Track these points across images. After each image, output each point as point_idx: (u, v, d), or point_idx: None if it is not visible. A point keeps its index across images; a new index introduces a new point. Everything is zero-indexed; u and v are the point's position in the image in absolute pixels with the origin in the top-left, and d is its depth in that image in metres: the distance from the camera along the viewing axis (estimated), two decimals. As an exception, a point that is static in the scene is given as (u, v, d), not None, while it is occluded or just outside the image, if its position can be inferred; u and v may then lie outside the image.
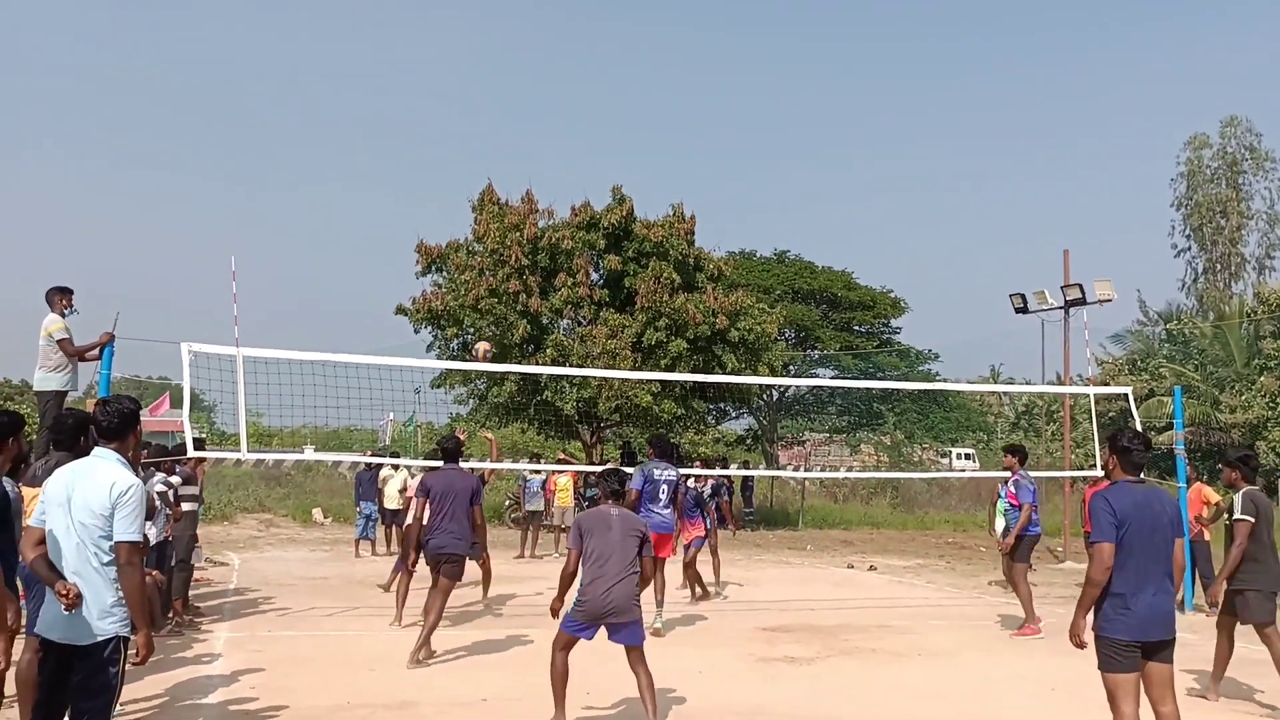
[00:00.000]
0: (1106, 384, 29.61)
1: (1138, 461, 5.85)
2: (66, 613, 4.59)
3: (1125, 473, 5.84)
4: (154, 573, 9.31)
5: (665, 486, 10.81)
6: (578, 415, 24.01)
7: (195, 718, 7.20)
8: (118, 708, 4.98)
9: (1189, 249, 51.66)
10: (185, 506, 11.17)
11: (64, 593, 4.55)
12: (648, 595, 8.35)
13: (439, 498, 9.56)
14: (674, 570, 12.25)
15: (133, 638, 4.74)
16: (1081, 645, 5.90)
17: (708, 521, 13.42)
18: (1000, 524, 15.11)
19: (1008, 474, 11.83)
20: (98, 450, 4.91)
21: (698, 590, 13.20)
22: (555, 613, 7.14)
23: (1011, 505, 11.54)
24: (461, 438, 10.64)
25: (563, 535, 19.65)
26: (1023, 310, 21.31)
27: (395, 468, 19.00)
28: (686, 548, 12.85)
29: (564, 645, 7.00)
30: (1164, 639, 5.79)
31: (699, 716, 7.49)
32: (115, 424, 4.92)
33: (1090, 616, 5.85)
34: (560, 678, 6.97)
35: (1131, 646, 5.72)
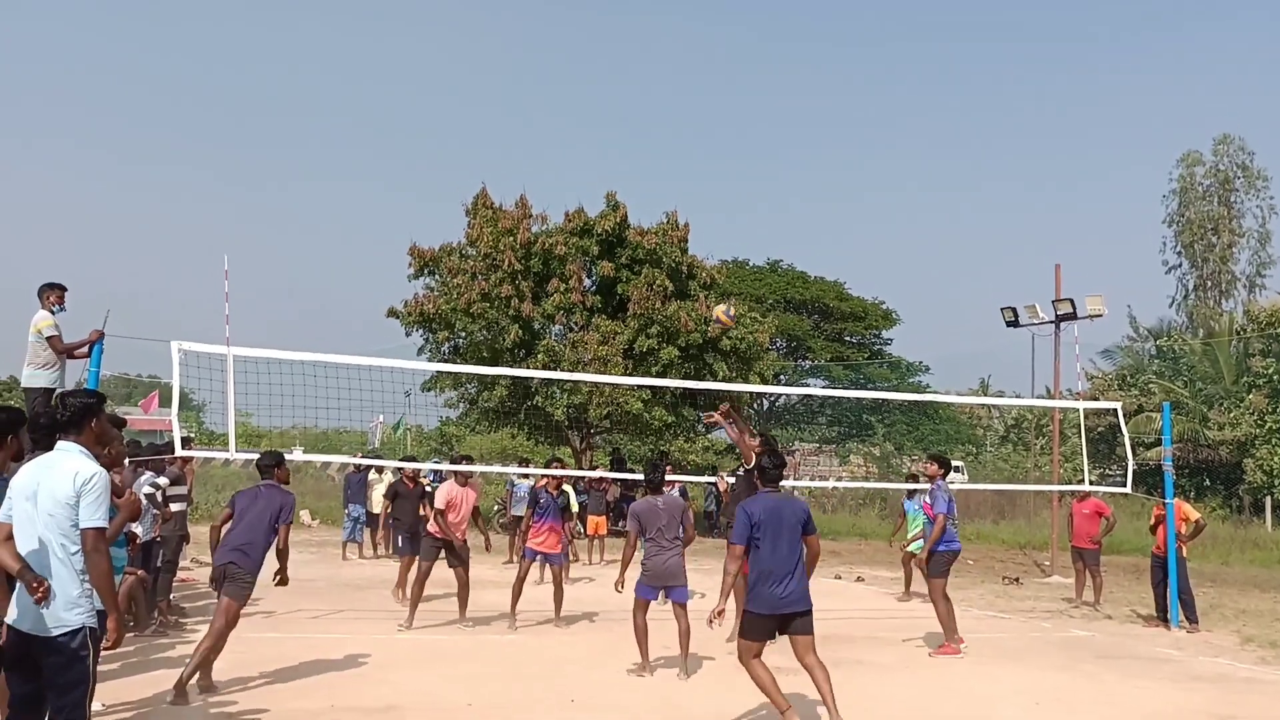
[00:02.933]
0: (1096, 399, 29.68)
1: (773, 476, 7.29)
2: (36, 605, 4.63)
3: (764, 485, 7.27)
4: (139, 572, 9.28)
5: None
6: (568, 421, 24.00)
7: (179, 719, 7.16)
8: (99, 705, 4.95)
9: (1180, 265, 51.93)
10: (174, 507, 11.14)
11: (36, 586, 4.60)
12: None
13: None
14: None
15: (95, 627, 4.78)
16: (713, 621, 7.23)
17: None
18: (916, 535, 15.54)
19: (927, 485, 11.31)
20: (60, 444, 4.98)
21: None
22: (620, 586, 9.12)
23: (927, 517, 11.05)
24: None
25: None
26: (1014, 324, 21.34)
27: (380, 471, 18.95)
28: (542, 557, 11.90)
29: (642, 608, 9.03)
30: (800, 611, 7.00)
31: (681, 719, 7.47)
32: (71, 416, 5.01)
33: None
34: (642, 633, 9.03)
35: (769, 619, 6.96)
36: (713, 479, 17.78)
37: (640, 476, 11.09)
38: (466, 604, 11.62)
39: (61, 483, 4.77)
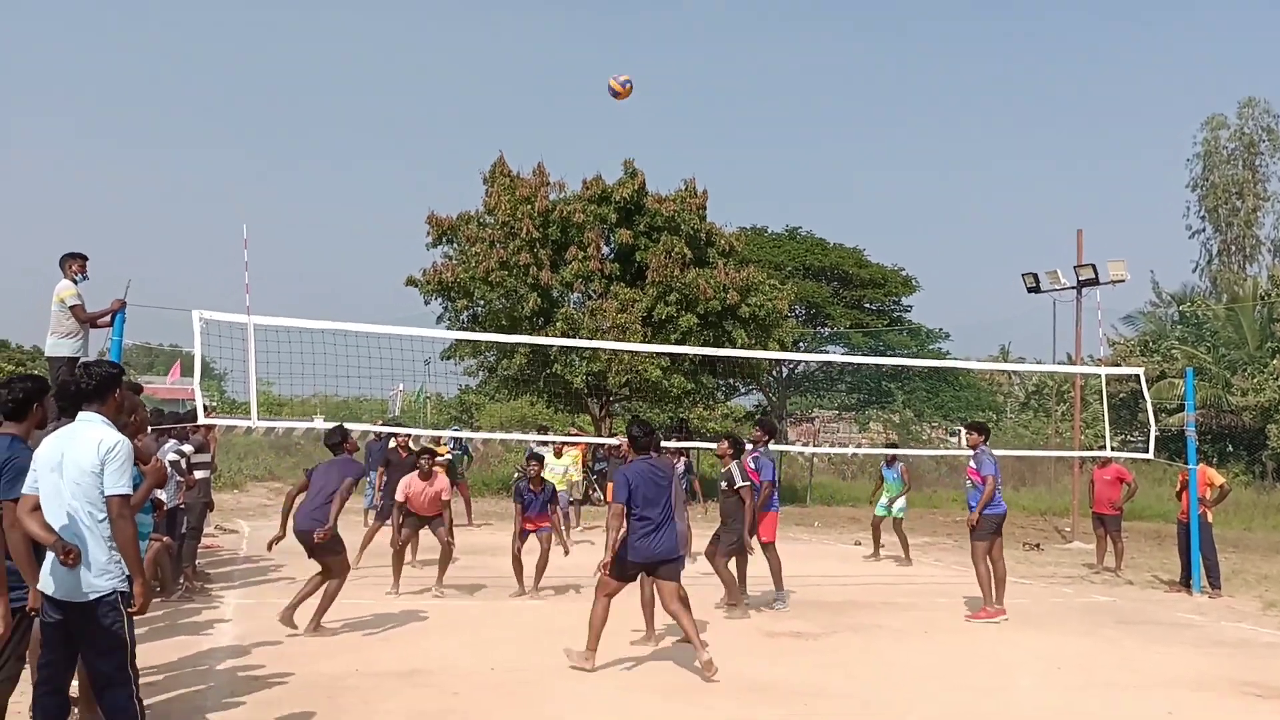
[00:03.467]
0: (1118, 365, 29.49)
1: (644, 445, 8.27)
2: (66, 569, 4.73)
3: (638, 452, 8.27)
4: (165, 538, 9.37)
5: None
6: (587, 389, 24.03)
7: (205, 683, 7.25)
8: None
9: (1204, 230, 51.34)
10: (197, 474, 11.23)
11: (65, 551, 4.68)
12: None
13: None
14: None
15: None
16: (602, 570, 8.01)
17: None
18: (890, 501, 16.17)
19: (971, 451, 11.22)
20: (82, 414, 5.06)
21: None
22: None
23: (973, 481, 10.98)
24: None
25: (569, 507, 19.70)
26: (1035, 290, 21.18)
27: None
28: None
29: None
30: (668, 559, 8.03)
31: (705, 690, 7.52)
32: (94, 386, 5.09)
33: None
34: (649, 605, 9.01)
35: (637, 565, 8.02)
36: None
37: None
38: (445, 570, 11.48)
39: (86, 452, 4.84)
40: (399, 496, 11.32)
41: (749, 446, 11.13)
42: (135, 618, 4.99)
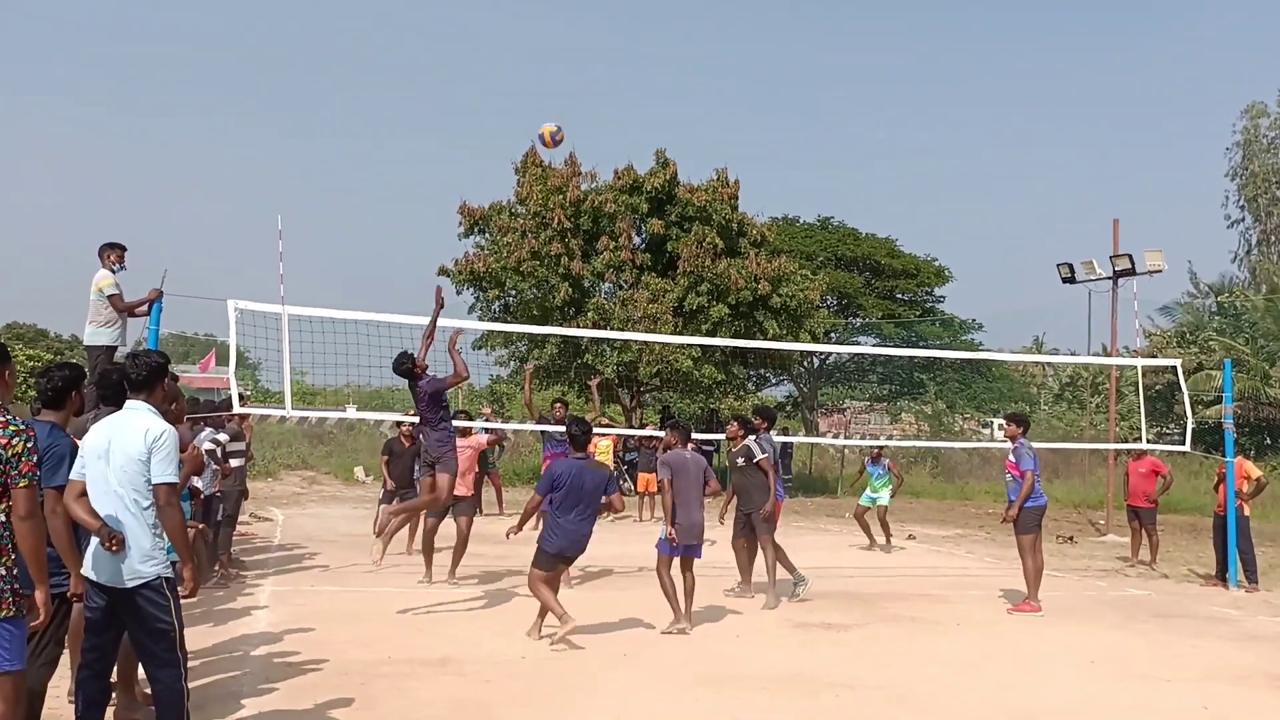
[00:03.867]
0: (1154, 356, 29.18)
1: (581, 443, 8.79)
2: (110, 555, 4.83)
3: (575, 451, 8.80)
4: (200, 526, 9.48)
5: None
6: (618, 379, 24.04)
7: (240, 669, 7.34)
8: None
9: (1243, 220, 50.48)
10: (232, 463, 11.35)
11: (109, 537, 4.79)
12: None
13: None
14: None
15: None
16: (511, 534, 8.77)
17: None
18: (875, 497, 16.36)
19: (1006, 442, 11.29)
20: (129, 403, 5.18)
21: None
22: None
23: (1012, 475, 10.89)
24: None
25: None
26: (1070, 280, 20.96)
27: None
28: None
29: (666, 564, 9.14)
30: (578, 554, 8.71)
31: (736, 680, 7.53)
32: (144, 376, 5.21)
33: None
34: (672, 590, 9.11)
35: (558, 558, 8.58)
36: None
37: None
38: (459, 561, 11.40)
39: (133, 440, 4.94)
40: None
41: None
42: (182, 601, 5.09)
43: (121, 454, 4.92)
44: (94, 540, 4.89)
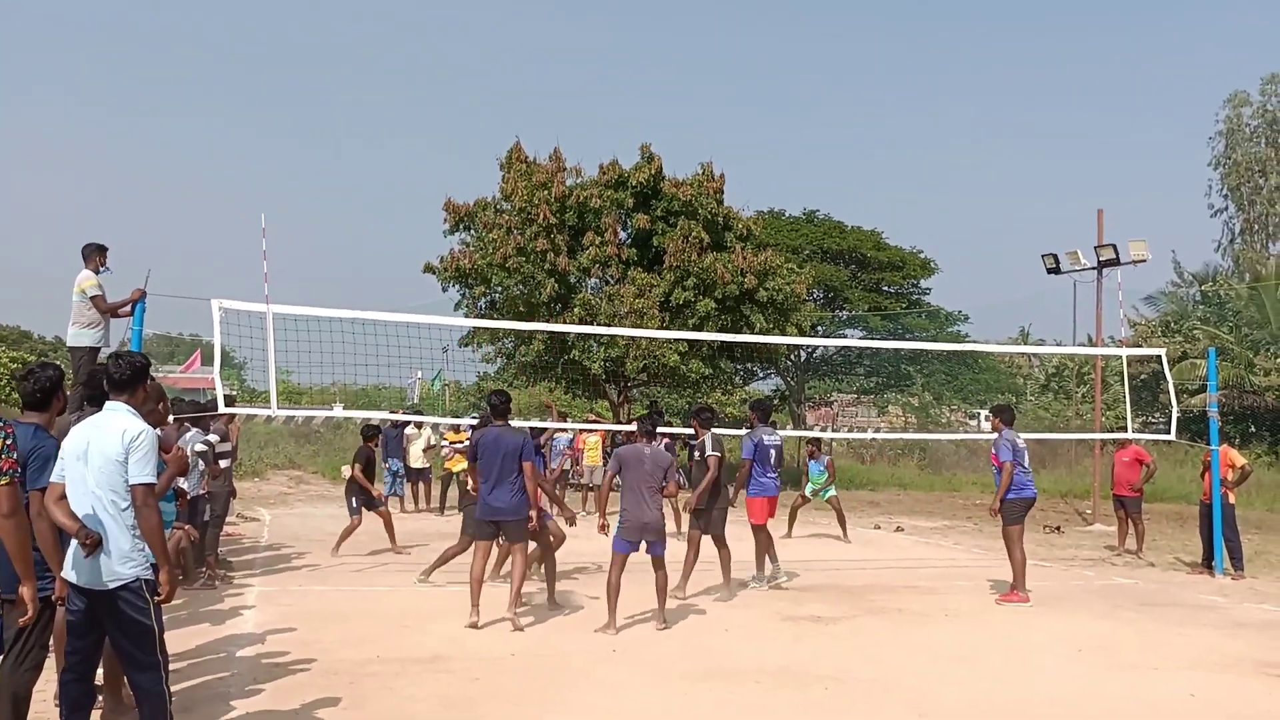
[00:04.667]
0: (1139, 345, 29.29)
1: (501, 411, 9.21)
2: (86, 558, 4.79)
3: (496, 419, 9.16)
4: (186, 527, 9.44)
5: (774, 451, 11.21)
6: (605, 375, 24.02)
7: (227, 671, 7.31)
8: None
9: (1226, 209, 50.76)
10: (221, 464, 11.30)
11: (85, 539, 4.75)
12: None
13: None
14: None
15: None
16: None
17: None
18: (814, 491, 16.69)
19: (992, 434, 11.37)
20: (109, 404, 5.13)
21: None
22: (603, 530, 9.35)
23: (996, 467, 11.08)
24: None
25: (590, 494, 19.76)
26: (1055, 271, 21.05)
27: (419, 426, 19.13)
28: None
29: (619, 564, 8.91)
30: (510, 519, 8.96)
31: (726, 674, 7.53)
32: (127, 376, 5.17)
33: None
34: (614, 591, 8.83)
35: (484, 524, 9.04)
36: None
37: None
38: (443, 566, 11.02)
39: (111, 441, 4.90)
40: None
41: (742, 430, 11.31)
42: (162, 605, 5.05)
43: (99, 455, 4.88)
44: (74, 542, 4.86)
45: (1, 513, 4.25)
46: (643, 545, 8.96)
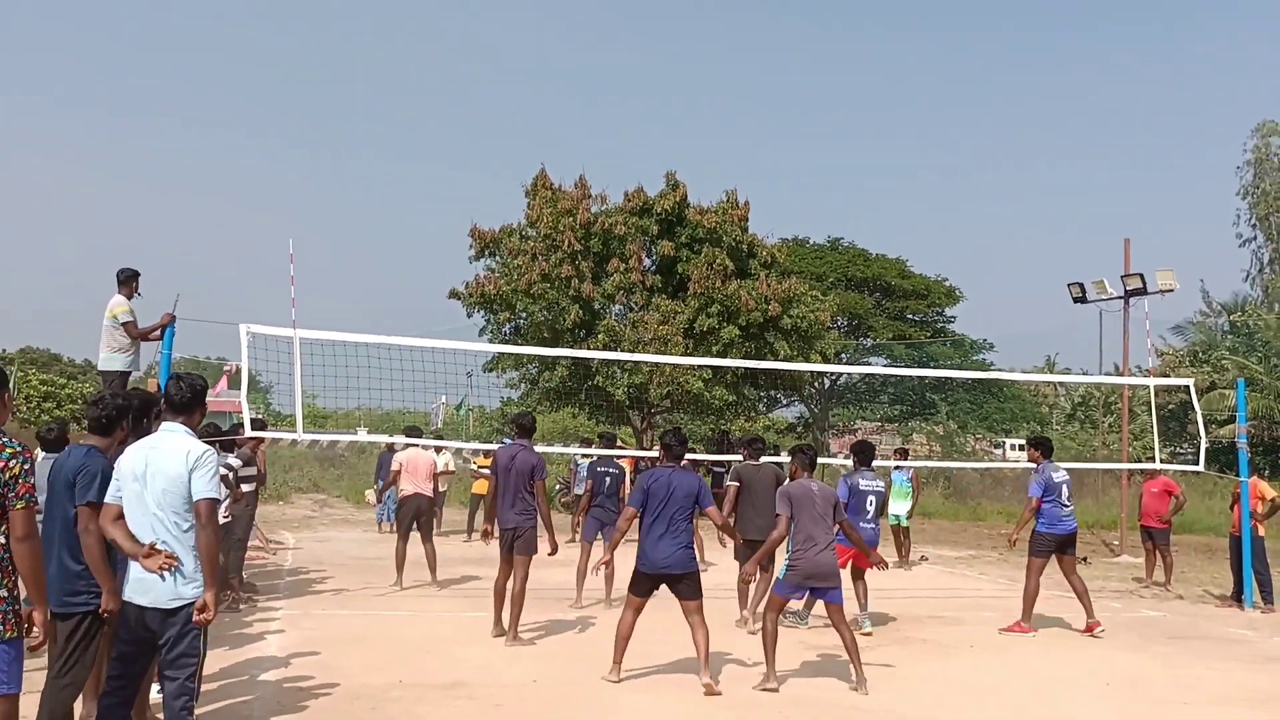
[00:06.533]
0: (1167, 375, 29.06)
1: (677, 454, 8.16)
2: (160, 576, 4.82)
3: (668, 461, 8.09)
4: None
5: (872, 498, 10.63)
6: (628, 401, 24.05)
7: (250, 694, 7.32)
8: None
9: (1255, 238, 50.39)
10: (244, 487, 11.36)
11: (167, 558, 4.81)
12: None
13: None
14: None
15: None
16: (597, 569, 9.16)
17: None
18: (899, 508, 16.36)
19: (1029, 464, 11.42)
20: (166, 425, 5.17)
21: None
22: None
23: None
24: None
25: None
26: (1081, 300, 20.94)
27: (438, 450, 19.15)
28: None
29: (777, 607, 8.32)
30: (679, 574, 7.82)
31: (751, 705, 7.48)
32: (188, 399, 5.21)
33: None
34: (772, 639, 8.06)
35: (649, 578, 7.84)
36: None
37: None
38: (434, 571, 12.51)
39: (174, 461, 4.94)
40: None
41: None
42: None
43: (161, 476, 4.92)
44: (131, 564, 4.88)
45: (17, 536, 4.30)
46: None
